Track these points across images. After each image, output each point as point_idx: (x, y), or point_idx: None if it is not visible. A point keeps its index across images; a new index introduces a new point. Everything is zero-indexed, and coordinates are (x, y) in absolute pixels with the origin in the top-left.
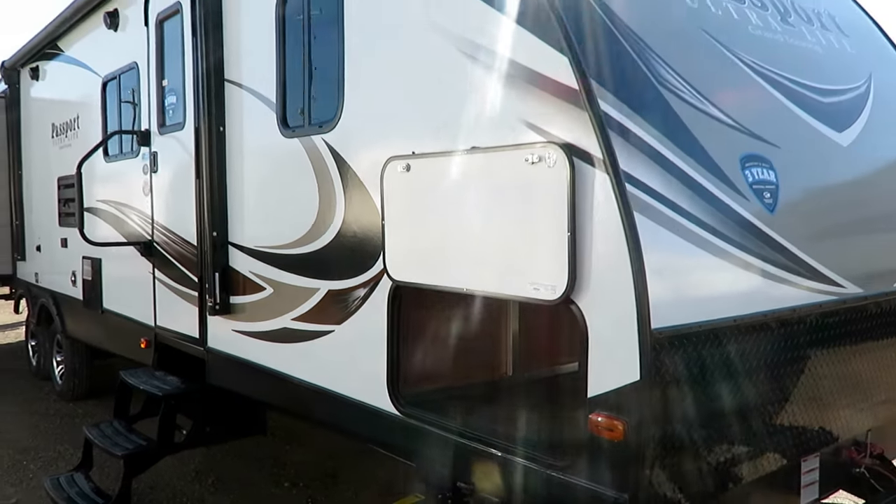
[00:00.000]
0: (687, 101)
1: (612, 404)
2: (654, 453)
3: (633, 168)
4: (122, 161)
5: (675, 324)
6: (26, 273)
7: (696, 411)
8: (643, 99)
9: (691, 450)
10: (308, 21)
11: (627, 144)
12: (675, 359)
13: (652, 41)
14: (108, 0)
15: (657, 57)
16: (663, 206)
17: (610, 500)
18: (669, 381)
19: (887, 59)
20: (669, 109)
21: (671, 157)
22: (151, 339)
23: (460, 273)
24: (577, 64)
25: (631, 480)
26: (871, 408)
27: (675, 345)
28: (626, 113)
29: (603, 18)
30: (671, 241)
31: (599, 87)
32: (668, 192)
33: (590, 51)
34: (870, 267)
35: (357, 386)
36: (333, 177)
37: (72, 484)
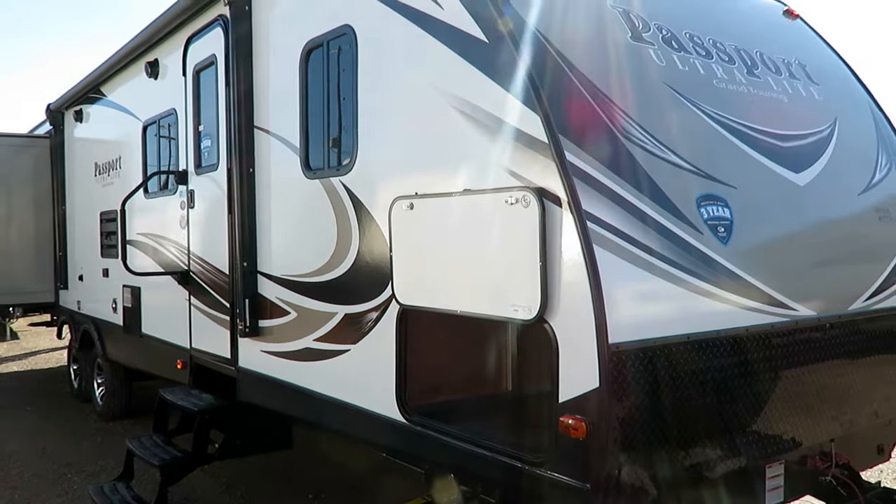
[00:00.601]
0: (647, 150)
1: (577, 408)
2: (612, 449)
3: (594, 208)
4: (160, 197)
5: (630, 339)
6: (69, 301)
7: (651, 415)
8: (606, 149)
9: (647, 447)
10: (327, 78)
11: (590, 188)
12: (629, 369)
13: (618, 98)
14: (149, 51)
15: (622, 112)
16: (621, 240)
17: (575, 489)
18: (625, 388)
19: (857, 103)
20: (630, 157)
21: (630, 199)
22: (187, 360)
23: (454, 297)
24: (548, 121)
25: (593, 472)
26: (830, 420)
27: (629, 357)
28: (590, 162)
29: (573, 80)
30: (627, 270)
31: (566, 140)
32: (626, 228)
33: (559, 109)
34: (822, 293)
35: (370, 398)
36: (349, 213)
37: (114, 492)
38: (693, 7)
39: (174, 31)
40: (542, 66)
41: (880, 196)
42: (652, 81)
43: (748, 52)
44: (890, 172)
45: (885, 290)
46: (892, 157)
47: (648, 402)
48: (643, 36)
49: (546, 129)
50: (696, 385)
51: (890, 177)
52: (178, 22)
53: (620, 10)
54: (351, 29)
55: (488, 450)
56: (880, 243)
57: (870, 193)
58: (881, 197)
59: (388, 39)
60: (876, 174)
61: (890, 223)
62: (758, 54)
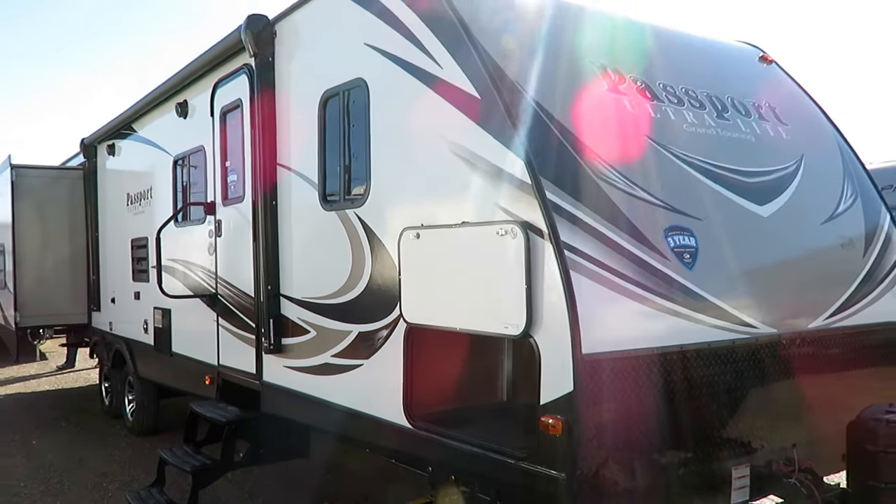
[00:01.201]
0: (619, 188)
1: (555, 408)
2: (584, 444)
3: (571, 239)
4: (190, 226)
5: (601, 351)
6: (101, 322)
7: (619, 416)
8: (582, 188)
9: (615, 443)
10: (343, 123)
11: (567, 222)
12: (600, 376)
13: (593, 144)
14: (179, 92)
15: (596, 156)
16: (595, 266)
17: (553, 479)
18: (596, 392)
19: (825, 140)
20: (603, 194)
21: (603, 230)
22: (215, 376)
23: (454, 316)
24: (531, 165)
25: (567, 463)
26: (791, 427)
27: (600, 366)
28: (567, 199)
29: (552, 130)
30: (600, 292)
31: (547, 181)
32: (600, 256)
33: (541, 155)
34: (783, 312)
35: (380, 407)
36: (363, 242)
37: (150, 496)
38: (669, 59)
39: (203, 76)
40: (526, 118)
41: (843, 225)
42: (625, 128)
43: (719, 98)
44: (854, 204)
45: (845, 310)
46: (857, 189)
47: (616, 404)
48: (619, 88)
49: (529, 172)
50: (661, 392)
51: (854, 208)
52: (207, 68)
53: (598, 65)
54: (364, 81)
55: (482, 448)
56: (841, 268)
57: (833, 223)
58: (844, 226)
59: (396, 91)
60: (840, 205)
61: (852, 250)
62: (728, 99)
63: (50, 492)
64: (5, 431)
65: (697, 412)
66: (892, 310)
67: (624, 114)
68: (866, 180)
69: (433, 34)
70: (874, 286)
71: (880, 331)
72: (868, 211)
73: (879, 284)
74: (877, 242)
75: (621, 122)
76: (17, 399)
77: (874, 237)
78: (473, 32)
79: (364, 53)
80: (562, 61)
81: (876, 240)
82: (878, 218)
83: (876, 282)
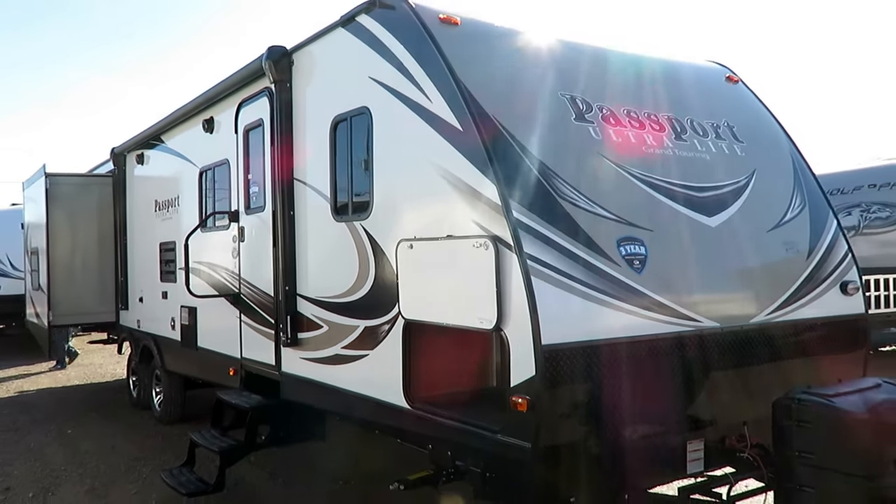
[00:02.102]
0: (578, 206)
1: (522, 389)
2: (545, 418)
3: (533, 250)
4: (215, 232)
5: (558, 342)
6: (129, 320)
7: (575, 395)
8: (544, 207)
9: (572, 419)
10: (350, 144)
11: (530, 236)
12: (558, 362)
13: (557, 168)
14: (206, 110)
15: (559, 178)
16: (553, 272)
17: (521, 448)
18: (554, 376)
19: (780, 155)
20: (564, 212)
21: (562, 242)
22: (238, 368)
23: (442, 312)
24: (500, 187)
25: (532, 435)
26: (739, 408)
27: (557, 354)
28: (531, 217)
29: (521, 157)
30: (557, 294)
31: (514, 202)
32: (558, 264)
33: (511, 180)
34: (726, 309)
35: (384, 391)
36: (368, 250)
37: (181, 474)
38: (636, 86)
39: (227, 96)
40: (500, 147)
41: (789, 232)
42: (588, 152)
43: (679, 121)
44: (802, 212)
45: (788, 306)
46: (805, 199)
47: (573, 386)
48: (585, 116)
49: (500, 195)
50: (612, 376)
51: (801, 216)
52: (232, 90)
53: (568, 96)
54: (367, 109)
55: (469, 425)
56: (784, 270)
57: (779, 230)
58: (790, 233)
59: (394, 120)
60: (787, 214)
61: (796, 254)
62: (688, 121)
63: (88, 474)
64: (41, 422)
65: (648, 393)
66: (833, 306)
67: (587, 140)
68: (816, 191)
69: (424, 72)
70: (816, 285)
71: (820, 324)
72: (815, 219)
73: (821, 284)
74: (821, 247)
75: (584, 148)
76: (49, 393)
77: (819, 242)
78: (457, 72)
79: (368, 85)
80: (534, 95)
81: (820, 244)
82: (824, 225)
83: (818, 282)
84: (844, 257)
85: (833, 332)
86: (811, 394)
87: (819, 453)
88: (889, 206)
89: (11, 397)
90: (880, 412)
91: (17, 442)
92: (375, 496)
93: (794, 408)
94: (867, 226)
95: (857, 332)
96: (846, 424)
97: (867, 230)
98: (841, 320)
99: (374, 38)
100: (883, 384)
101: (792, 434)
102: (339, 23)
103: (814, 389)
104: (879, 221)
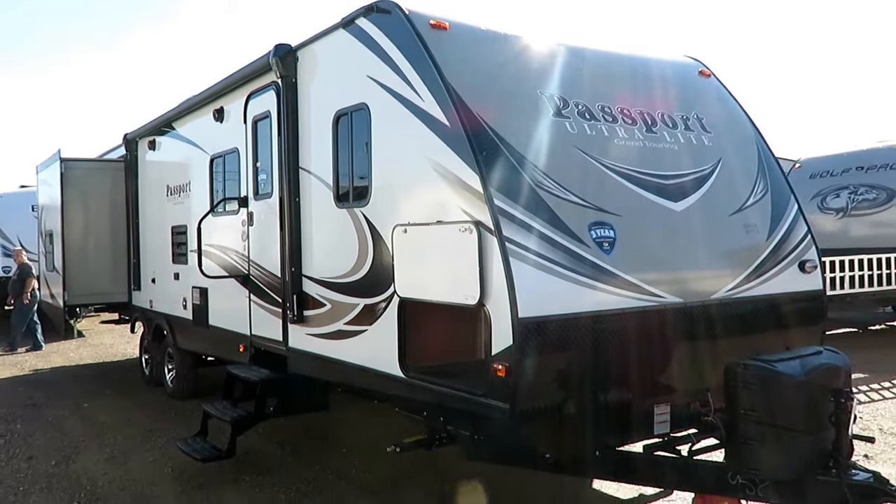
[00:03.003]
0: (553, 193)
1: (501, 357)
2: (521, 383)
3: (511, 234)
4: (226, 217)
5: (533, 315)
6: (141, 300)
7: (548, 362)
8: (522, 195)
9: (546, 383)
10: (351, 138)
11: (509, 221)
12: (534, 333)
13: (535, 159)
14: (217, 100)
15: (536, 169)
16: (529, 254)
17: (501, 409)
18: (529, 345)
19: (746, 145)
20: (540, 199)
21: (537, 226)
22: (248, 344)
23: (432, 291)
24: (483, 178)
25: (509, 397)
26: (701, 375)
27: (532, 326)
28: (510, 204)
29: (502, 150)
30: (533, 273)
31: (495, 190)
32: (534, 246)
33: (492, 171)
34: (688, 286)
35: (381, 362)
36: (367, 234)
37: (195, 442)
38: (610, 83)
39: (237, 88)
40: (481, 141)
41: (750, 215)
42: (564, 145)
43: (650, 114)
44: (764, 197)
45: (747, 283)
46: (768, 185)
47: (546, 355)
48: (562, 112)
49: (482, 184)
50: (582, 345)
51: (763, 200)
52: (241, 82)
53: (548, 95)
54: (366, 105)
55: (456, 390)
56: (744, 250)
57: (741, 214)
58: (751, 216)
59: (390, 117)
60: (749, 199)
61: (756, 235)
62: (659, 114)
63: (106, 444)
64: (58, 398)
65: (616, 361)
66: (791, 283)
67: (564, 134)
68: (780, 177)
69: (416, 73)
70: (775, 264)
71: (779, 299)
72: (776, 203)
73: (780, 263)
74: (781, 229)
75: (560, 141)
76: (63, 371)
77: (779, 225)
78: (445, 74)
79: (366, 83)
80: (515, 94)
81: (780, 227)
82: (785, 209)
83: (777, 261)
84: (804, 238)
85: (791, 306)
86: (756, 359)
87: (761, 411)
88: (876, 188)
89: (26, 375)
90: (816, 375)
91: (35, 416)
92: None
93: (740, 372)
94: (854, 207)
95: (814, 307)
96: (784, 385)
97: (855, 212)
98: (799, 296)
99: (372, 40)
100: (824, 351)
101: (738, 394)
102: (340, 24)
103: (760, 356)
104: (867, 203)
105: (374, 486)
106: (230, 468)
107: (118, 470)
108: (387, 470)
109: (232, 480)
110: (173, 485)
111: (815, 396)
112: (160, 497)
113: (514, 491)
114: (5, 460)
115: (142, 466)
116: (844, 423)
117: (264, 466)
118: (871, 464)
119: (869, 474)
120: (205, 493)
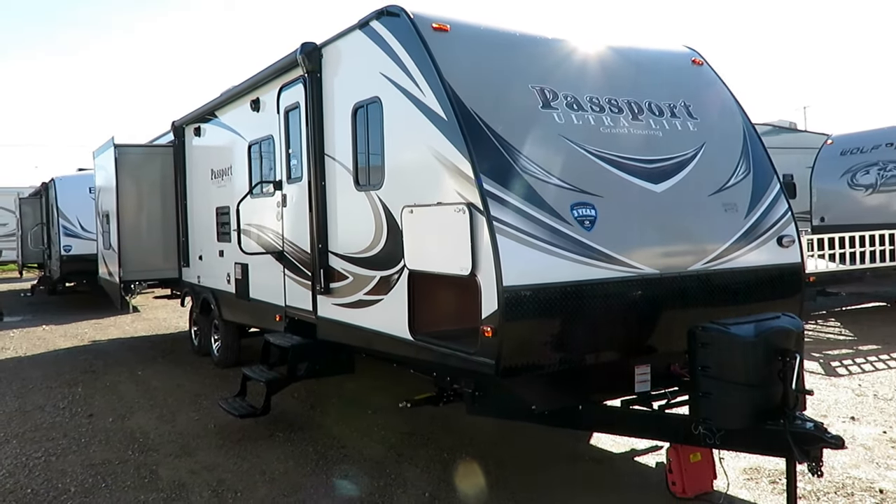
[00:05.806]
0: (538, 178)
1: (489, 320)
2: (506, 343)
3: (499, 214)
4: (262, 199)
5: (516, 284)
6: (190, 276)
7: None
8: (509, 179)
9: (529, 344)
10: (367, 128)
11: (497, 203)
12: (517, 300)
13: (523, 148)
14: (253, 91)
15: (524, 156)
16: (515, 231)
17: (489, 365)
18: (513, 309)
19: (732, 130)
20: (526, 183)
21: (523, 207)
22: (283, 314)
23: (434, 263)
24: (474, 165)
25: (495, 355)
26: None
27: (515, 293)
28: (498, 187)
29: (492, 140)
30: (517, 248)
31: (485, 176)
32: (520, 224)
33: (483, 158)
34: (666, 259)
35: (395, 327)
36: (382, 214)
37: (235, 401)
38: (600, 74)
39: (270, 81)
40: (474, 132)
41: (730, 195)
42: (551, 135)
43: (637, 103)
44: (745, 178)
45: (723, 257)
46: (751, 167)
47: (527, 318)
48: (551, 104)
49: (473, 170)
50: (562, 311)
51: (744, 181)
52: (274, 76)
53: (538, 88)
54: (379, 99)
55: (453, 350)
56: (720, 227)
57: (721, 194)
58: (731, 196)
59: (399, 110)
60: (731, 180)
61: (734, 214)
62: (646, 103)
63: (157, 405)
64: (114, 366)
65: (594, 325)
66: (768, 257)
67: (551, 124)
68: (764, 160)
69: (420, 71)
70: (751, 240)
71: (756, 271)
72: (758, 184)
73: (759, 238)
74: (760, 207)
75: (547, 131)
76: (119, 342)
77: (759, 203)
78: (443, 73)
79: (379, 79)
80: (507, 88)
81: (760, 205)
82: (766, 189)
83: (755, 236)
84: (783, 215)
85: (769, 278)
86: (714, 323)
87: (716, 367)
88: None
89: (86, 346)
90: (766, 336)
91: (94, 381)
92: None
93: (698, 333)
94: (884, 183)
95: (791, 279)
96: (735, 345)
97: (884, 188)
98: (777, 269)
99: (383, 41)
100: (782, 317)
101: (697, 353)
102: (356, 25)
103: (721, 321)
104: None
105: (392, 441)
106: (266, 425)
107: (167, 426)
108: (406, 428)
109: (267, 436)
110: (215, 438)
111: (763, 355)
112: (203, 448)
113: (519, 447)
114: (69, 417)
115: (188, 423)
116: (790, 379)
117: (297, 425)
118: (856, 424)
119: (811, 424)
120: (243, 445)
